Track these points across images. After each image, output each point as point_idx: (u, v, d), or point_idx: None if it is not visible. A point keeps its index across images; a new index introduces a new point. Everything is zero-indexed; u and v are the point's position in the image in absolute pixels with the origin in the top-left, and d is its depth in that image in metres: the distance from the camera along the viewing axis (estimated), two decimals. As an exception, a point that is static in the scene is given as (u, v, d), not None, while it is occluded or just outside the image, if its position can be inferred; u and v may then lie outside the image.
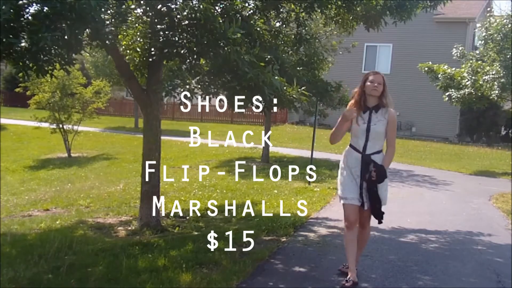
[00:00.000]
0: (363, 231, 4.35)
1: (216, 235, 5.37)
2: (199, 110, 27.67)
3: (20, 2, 3.71)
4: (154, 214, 6.15)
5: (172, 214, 7.09)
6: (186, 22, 5.20)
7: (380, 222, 4.22)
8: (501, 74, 13.09)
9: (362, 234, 4.36)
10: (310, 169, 10.03)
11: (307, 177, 9.96)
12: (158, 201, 6.33)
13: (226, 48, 4.90)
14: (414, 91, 22.46)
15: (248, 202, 7.98)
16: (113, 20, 5.00)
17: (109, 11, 4.76)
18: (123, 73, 6.24)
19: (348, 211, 4.17)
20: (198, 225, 6.50)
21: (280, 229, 6.05)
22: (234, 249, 5.08)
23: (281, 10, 6.99)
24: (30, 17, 3.79)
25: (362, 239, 4.38)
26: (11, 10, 3.61)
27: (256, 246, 5.31)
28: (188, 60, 5.58)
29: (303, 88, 5.62)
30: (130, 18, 5.44)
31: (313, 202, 8.00)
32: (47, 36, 3.62)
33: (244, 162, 13.56)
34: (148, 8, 5.52)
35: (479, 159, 17.03)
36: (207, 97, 5.62)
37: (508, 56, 12.98)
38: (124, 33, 5.99)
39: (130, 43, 6.01)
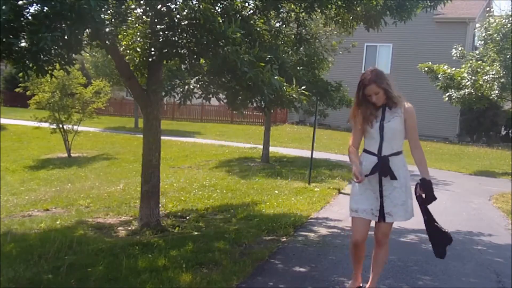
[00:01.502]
0: (380, 250, 3.75)
1: (216, 235, 5.37)
2: (199, 110, 27.80)
3: (20, 2, 3.71)
4: (154, 214, 6.15)
5: (172, 214, 7.09)
6: (186, 22, 5.20)
7: (442, 257, 3.69)
8: (501, 74, 13.10)
9: (378, 254, 3.77)
10: (310, 169, 10.05)
11: (307, 177, 9.97)
12: (158, 201, 6.34)
13: (225, 48, 4.90)
14: (414, 91, 22.38)
15: (248, 202, 8.00)
16: (113, 20, 5.01)
17: (109, 11, 4.76)
18: (123, 73, 6.24)
19: (356, 226, 3.61)
20: (198, 225, 6.50)
21: (280, 229, 6.04)
22: (234, 249, 5.08)
23: (281, 10, 6.99)
24: (30, 17, 3.79)
25: (377, 260, 3.79)
26: (11, 10, 3.61)
27: (256, 246, 5.31)
28: (188, 60, 5.58)
29: (303, 87, 5.62)
30: (130, 18, 5.44)
31: (313, 202, 8.00)
32: (47, 36, 3.62)
33: (244, 162, 13.58)
34: (148, 8, 5.52)
35: (479, 159, 17.03)
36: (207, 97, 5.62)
37: (508, 56, 12.98)
38: (124, 33, 5.98)
39: (130, 43, 6.00)
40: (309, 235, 5.99)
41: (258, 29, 6.06)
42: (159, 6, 5.34)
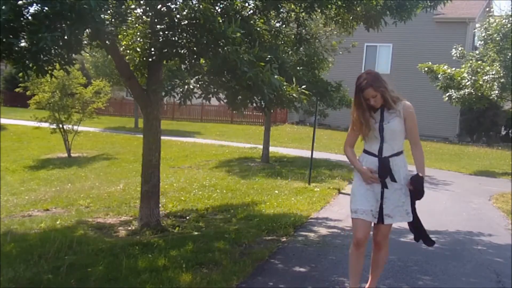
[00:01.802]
0: (379, 252, 3.73)
1: (216, 235, 5.37)
2: (199, 110, 27.80)
3: (20, 2, 3.71)
4: (154, 214, 6.15)
5: (172, 214, 7.09)
6: (186, 22, 5.21)
7: (430, 244, 3.75)
8: (501, 74, 13.10)
9: (377, 256, 3.74)
10: (310, 169, 10.05)
11: (307, 177, 9.97)
12: (158, 201, 6.34)
13: (225, 48, 4.90)
14: (414, 91, 22.40)
15: (248, 202, 8.00)
16: (113, 20, 5.01)
17: (109, 11, 4.76)
18: (123, 73, 6.24)
19: (357, 226, 3.52)
20: (198, 225, 6.50)
21: (280, 229, 6.05)
22: (234, 249, 5.08)
23: (281, 10, 6.99)
24: (30, 17, 3.80)
25: (377, 262, 3.77)
26: (11, 10, 3.61)
27: (256, 246, 5.31)
28: (188, 60, 5.58)
29: (303, 87, 5.62)
30: (130, 18, 5.44)
31: (313, 202, 8.00)
32: (47, 36, 3.62)
33: (244, 162, 13.58)
34: (148, 8, 5.52)
35: (479, 159, 17.03)
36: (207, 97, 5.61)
37: (508, 56, 12.99)
38: (124, 33, 5.99)
39: (130, 43, 6.01)
40: (309, 235, 5.99)
41: (258, 29, 6.07)
42: (159, 6, 5.34)
